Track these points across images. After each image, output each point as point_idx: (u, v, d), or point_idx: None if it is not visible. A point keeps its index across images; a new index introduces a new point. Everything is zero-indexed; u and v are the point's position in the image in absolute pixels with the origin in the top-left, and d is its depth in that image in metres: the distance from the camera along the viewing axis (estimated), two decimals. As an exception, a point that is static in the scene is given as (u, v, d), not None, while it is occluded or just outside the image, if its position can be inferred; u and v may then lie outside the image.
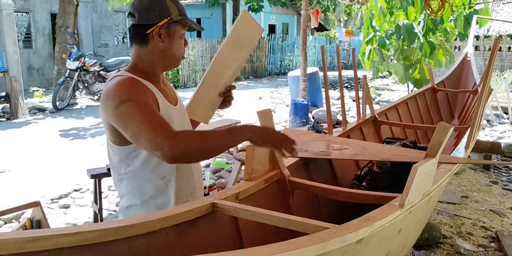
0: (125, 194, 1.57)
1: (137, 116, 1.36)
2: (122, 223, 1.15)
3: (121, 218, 1.57)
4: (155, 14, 1.49)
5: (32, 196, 4.26)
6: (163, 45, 1.52)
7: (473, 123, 2.93)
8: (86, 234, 1.04)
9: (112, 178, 1.62)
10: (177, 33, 1.55)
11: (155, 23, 1.49)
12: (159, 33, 1.50)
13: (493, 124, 8.30)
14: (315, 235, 1.18)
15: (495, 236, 3.57)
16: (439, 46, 8.99)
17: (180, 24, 1.55)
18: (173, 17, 1.51)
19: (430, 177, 1.80)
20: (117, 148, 1.52)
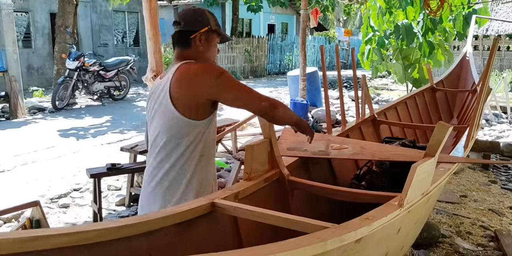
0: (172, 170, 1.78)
1: (236, 82, 1.82)
2: (122, 223, 1.15)
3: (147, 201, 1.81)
4: (198, 23, 1.86)
5: (32, 195, 4.26)
6: (202, 48, 1.88)
7: (472, 122, 2.94)
8: (85, 233, 1.04)
9: (159, 155, 1.82)
10: (213, 41, 1.92)
11: (197, 30, 1.85)
12: (200, 38, 1.86)
13: (492, 123, 8.30)
14: (314, 235, 1.18)
15: (494, 235, 3.57)
16: (438, 46, 8.99)
17: (216, 33, 1.92)
18: (211, 27, 1.88)
19: (429, 176, 1.81)
20: (195, 124, 1.78)
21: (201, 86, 1.73)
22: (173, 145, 1.78)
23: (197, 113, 1.77)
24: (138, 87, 12.95)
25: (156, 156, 1.81)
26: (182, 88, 1.75)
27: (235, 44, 16.50)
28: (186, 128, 1.77)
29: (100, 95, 9.78)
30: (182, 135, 1.77)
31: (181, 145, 1.77)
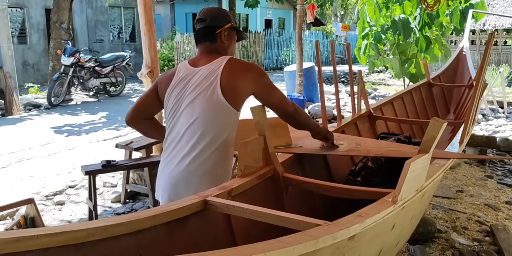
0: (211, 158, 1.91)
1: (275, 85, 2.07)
2: (111, 222, 1.14)
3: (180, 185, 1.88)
4: (222, 19, 2.03)
5: (27, 192, 4.25)
6: (226, 43, 2.05)
7: (467, 118, 2.93)
8: (73, 233, 1.02)
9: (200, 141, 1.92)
10: (234, 37, 2.10)
11: (222, 26, 2.01)
12: (224, 34, 2.02)
13: (489, 118, 8.31)
14: (306, 232, 1.17)
15: (489, 230, 3.58)
16: (435, 41, 8.98)
17: (237, 31, 2.12)
18: (233, 24, 2.06)
19: (423, 172, 1.80)
20: (235, 113, 1.96)
21: (250, 80, 1.94)
22: (216, 131, 1.92)
23: (239, 104, 1.96)
24: (134, 83, 12.90)
25: (194, 141, 1.91)
26: (235, 79, 1.92)
27: (232, 40, 16.43)
28: (229, 117, 1.95)
29: (96, 91, 9.74)
30: (225, 123, 1.95)
31: (224, 133, 1.94)
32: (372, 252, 1.75)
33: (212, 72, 1.94)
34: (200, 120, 1.91)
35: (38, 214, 3.09)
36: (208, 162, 1.89)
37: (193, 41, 14.41)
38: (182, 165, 1.89)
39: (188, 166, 1.88)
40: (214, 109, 1.91)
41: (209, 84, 1.92)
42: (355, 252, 1.48)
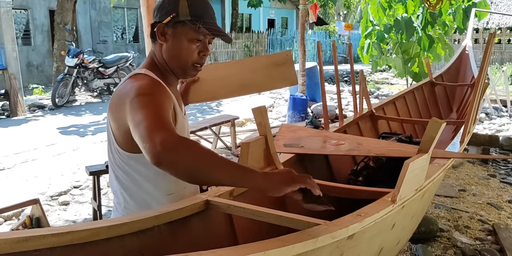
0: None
1: (149, 107, 1.24)
2: (114, 222, 1.17)
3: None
4: (163, 12, 1.45)
5: (32, 193, 4.29)
6: (166, 45, 1.46)
7: (468, 117, 2.94)
8: (78, 233, 1.05)
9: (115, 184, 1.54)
10: (184, 35, 1.43)
11: (161, 21, 1.44)
12: (164, 32, 1.44)
13: (492, 117, 8.31)
14: (305, 232, 1.20)
15: (492, 229, 3.59)
16: (438, 40, 8.98)
17: (190, 27, 1.42)
18: (178, 16, 1.42)
19: (422, 172, 1.82)
20: (126, 155, 1.43)
21: (122, 107, 1.33)
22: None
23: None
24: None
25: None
26: (114, 112, 1.41)
27: (235, 39, 16.50)
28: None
29: (100, 92, 9.80)
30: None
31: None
32: (372, 251, 1.77)
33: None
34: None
35: (44, 214, 3.13)
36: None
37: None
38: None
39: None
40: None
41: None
42: (355, 251, 1.50)
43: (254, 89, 1.99)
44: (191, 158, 1.12)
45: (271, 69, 1.86)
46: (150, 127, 1.16)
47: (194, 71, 1.51)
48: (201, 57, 1.49)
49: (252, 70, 1.87)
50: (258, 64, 1.88)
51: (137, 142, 1.20)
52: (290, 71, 1.91)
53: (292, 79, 1.93)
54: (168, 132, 1.15)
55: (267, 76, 1.87)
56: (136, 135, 1.20)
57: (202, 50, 1.48)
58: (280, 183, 1.22)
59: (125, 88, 1.38)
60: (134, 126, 1.22)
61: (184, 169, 1.12)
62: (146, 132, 1.15)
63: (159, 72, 1.49)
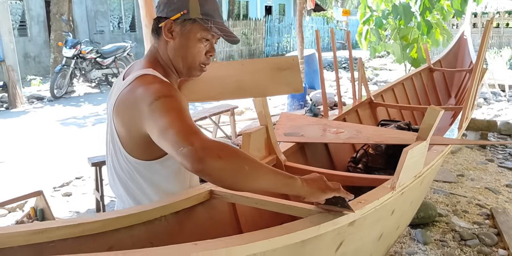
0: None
1: (174, 111, 1.19)
2: (123, 213, 1.21)
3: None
4: (172, 7, 1.37)
5: (35, 185, 4.32)
6: (173, 42, 1.40)
7: (466, 103, 2.97)
8: (89, 224, 1.09)
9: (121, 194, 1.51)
10: (193, 34, 1.38)
11: (168, 17, 1.37)
12: (171, 29, 1.38)
13: (490, 102, 8.34)
14: (308, 219, 1.24)
15: (489, 213, 3.65)
16: (436, 25, 8.96)
17: (200, 25, 1.37)
18: (189, 13, 1.36)
19: (421, 159, 1.86)
20: (136, 162, 1.39)
21: (135, 114, 1.28)
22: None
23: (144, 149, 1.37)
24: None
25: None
26: (122, 115, 1.36)
27: (232, 27, 16.41)
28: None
29: (98, 82, 9.80)
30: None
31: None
32: (373, 236, 1.82)
33: (114, 95, 1.42)
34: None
35: (48, 206, 3.17)
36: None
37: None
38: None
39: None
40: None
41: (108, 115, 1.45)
42: (356, 236, 1.54)
43: (253, 93, 1.81)
44: (233, 164, 1.08)
45: (274, 73, 1.71)
46: (184, 132, 1.11)
47: (200, 71, 1.47)
48: (207, 57, 1.45)
49: (252, 72, 1.73)
50: (260, 67, 1.74)
51: (165, 147, 1.15)
52: (295, 77, 1.73)
53: (297, 85, 1.74)
54: (204, 136, 1.11)
55: (268, 80, 1.73)
56: (165, 142, 1.15)
57: (209, 50, 1.44)
58: (317, 190, 1.23)
59: (135, 91, 1.30)
60: (162, 132, 1.16)
61: (227, 175, 1.07)
62: (181, 137, 1.10)
63: (163, 71, 1.43)
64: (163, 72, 1.42)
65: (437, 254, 3.00)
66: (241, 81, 1.73)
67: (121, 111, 1.34)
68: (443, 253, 3.02)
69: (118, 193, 1.51)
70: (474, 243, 3.14)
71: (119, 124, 1.37)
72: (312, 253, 1.27)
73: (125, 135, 1.37)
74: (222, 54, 15.87)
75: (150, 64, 1.42)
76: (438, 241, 3.17)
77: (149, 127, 1.22)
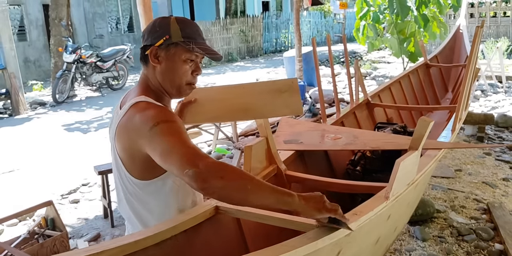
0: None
1: (175, 135, 1.29)
2: (139, 236, 1.31)
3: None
4: (155, 35, 1.48)
5: (43, 193, 4.44)
6: (159, 67, 1.49)
7: (458, 105, 3.06)
8: (109, 251, 1.19)
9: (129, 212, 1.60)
10: (178, 56, 1.48)
11: (153, 44, 1.48)
12: (156, 55, 1.48)
13: (488, 94, 8.41)
14: (306, 235, 1.34)
15: (486, 208, 3.76)
16: (433, 19, 9.01)
17: (183, 48, 1.47)
18: (171, 38, 1.46)
19: (414, 168, 1.95)
20: (140, 183, 1.48)
21: (136, 137, 1.38)
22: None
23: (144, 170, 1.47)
24: (136, 74, 13.02)
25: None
26: (124, 140, 1.45)
27: (230, 25, 16.44)
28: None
29: (99, 86, 9.90)
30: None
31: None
32: (370, 242, 1.93)
33: (114, 123, 1.51)
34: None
35: (58, 215, 3.28)
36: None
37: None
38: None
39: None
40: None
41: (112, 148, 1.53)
42: (352, 245, 1.65)
43: (253, 115, 1.85)
44: (234, 183, 1.19)
45: (273, 96, 1.75)
46: (187, 155, 1.21)
47: (189, 90, 1.56)
48: (194, 76, 1.54)
49: (253, 95, 1.78)
50: (260, 89, 1.78)
51: (170, 169, 1.26)
52: (294, 99, 1.74)
53: (296, 107, 1.75)
54: (207, 158, 1.21)
55: (268, 103, 1.76)
56: (169, 164, 1.24)
57: (195, 69, 1.53)
58: (313, 209, 1.29)
59: (132, 118, 1.40)
60: (165, 156, 1.25)
61: (230, 193, 1.19)
62: (185, 160, 1.20)
63: (155, 96, 1.52)
64: (156, 97, 1.52)
65: (435, 250, 3.11)
66: (242, 103, 1.78)
67: (122, 138, 1.45)
68: (441, 249, 3.13)
69: (127, 215, 1.62)
70: (471, 238, 3.24)
71: (121, 149, 1.47)
72: (311, 265, 1.37)
73: (127, 159, 1.47)
74: (221, 52, 15.90)
75: (142, 91, 1.52)
76: (436, 237, 3.28)
77: (151, 150, 1.32)
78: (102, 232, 3.67)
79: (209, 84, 10.93)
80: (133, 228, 1.61)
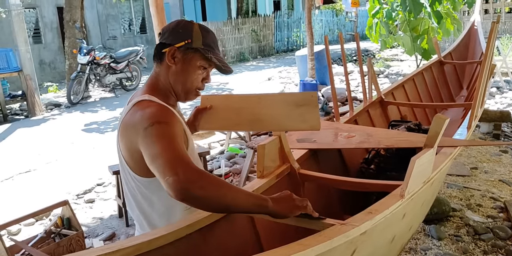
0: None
1: (165, 139, 1.31)
2: (154, 236, 1.32)
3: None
4: (176, 36, 1.51)
5: (59, 193, 4.50)
6: (174, 68, 1.52)
7: (474, 102, 3.02)
8: (124, 250, 1.20)
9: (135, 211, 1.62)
10: (194, 61, 1.52)
11: (172, 44, 1.51)
12: (174, 55, 1.51)
13: (504, 90, 8.29)
14: (321, 233, 1.33)
15: (503, 206, 3.70)
16: (447, 15, 8.92)
17: (201, 55, 1.51)
18: (192, 43, 1.50)
19: (429, 165, 1.93)
20: (143, 180, 1.50)
21: (133, 135, 1.40)
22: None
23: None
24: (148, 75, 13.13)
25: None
26: (124, 137, 1.48)
27: (242, 25, 16.45)
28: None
29: (113, 87, 9.99)
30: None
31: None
32: (385, 240, 1.91)
33: (119, 121, 1.55)
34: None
35: (73, 215, 3.32)
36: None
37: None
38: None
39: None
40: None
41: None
42: (368, 243, 1.64)
43: (268, 126, 1.81)
44: (213, 192, 1.21)
45: (290, 109, 1.70)
46: (171, 161, 1.23)
47: (195, 95, 1.60)
48: (203, 83, 1.58)
49: (268, 106, 1.74)
50: (277, 101, 1.74)
51: (155, 173, 1.27)
52: (312, 114, 1.68)
53: (314, 122, 1.69)
54: (189, 166, 1.23)
55: (284, 116, 1.71)
56: (154, 168, 1.27)
57: (205, 77, 1.58)
58: (286, 210, 1.36)
59: (133, 116, 1.43)
60: (152, 159, 1.28)
61: (206, 202, 1.21)
62: (167, 166, 1.22)
63: (162, 95, 1.54)
64: (163, 96, 1.54)
65: (451, 249, 3.07)
66: (257, 114, 1.76)
67: (124, 135, 1.47)
68: (457, 248, 3.09)
69: (135, 214, 1.63)
70: (488, 237, 3.20)
71: (123, 147, 1.49)
72: (327, 263, 1.37)
73: (129, 156, 1.49)
74: (232, 52, 15.94)
75: (149, 90, 1.54)
76: (452, 236, 3.24)
77: (143, 150, 1.35)
78: (117, 231, 3.70)
79: (223, 83, 10.96)
80: (141, 228, 1.62)
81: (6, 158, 5.78)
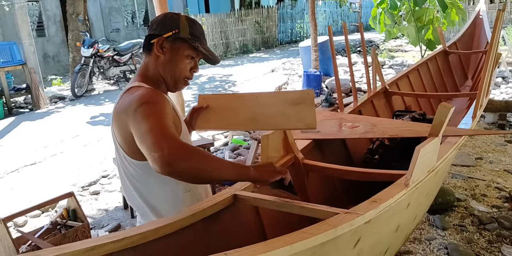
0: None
1: (153, 117, 1.35)
2: (159, 224, 1.33)
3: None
4: (164, 27, 1.56)
5: (64, 184, 4.52)
6: (163, 58, 1.56)
7: (479, 92, 3.00)
8: (130, 238, 1.21)
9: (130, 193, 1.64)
10: (181, 51, 1.56)
11: (160, 34, 1.55)
12: (162, 45, 1.55)
13: (509, 81, 8.24)
14: (326, 222, 1.33)
15: (508, 196, 3.70)
16: (452, 5, 8.83)
17: (188, 44, 1.56)
18: (179, 33, 1.54)
19: (434, 155, 1.93)
20: (139, 163, 1.52)
21: (126, 118, 1.44)
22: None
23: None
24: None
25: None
26: (118, 122, 1.51)
27: (245, 17, 16.38)
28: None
29: (117, 79, 9.99)
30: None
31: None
32: (390, 230, 1.91)
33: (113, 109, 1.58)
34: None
35: (79, 206, 3.34)
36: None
37: (207, 22, 14.40)
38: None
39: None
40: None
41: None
42: (373, 232, 1.64)
43: (264, 125, 1.79)
44: (197, 164, 1.28)
45: (287, 107, 1.69)
46: (158, 137, 1.27)
47: (184, 85, 1.64)
48: (191, 73, 1.62)
49: (265, 105, 1.74)
50: (273, 100, 1.75)
51: (143, 151, 1.31)
52: (308, 112, 1.67)
53: (310, 121, 1.66)
54: (174, 141, 1.28)
55: (281, 114, 1.70)
56: (142, 145, 1.31)
57: (193, 67, 1.62)
58: (267, 175, 1.47)
59: (124, 101, 1.48)
60: (140, 136, 1.32)
61: (192, 174, 1.28)
62: (154, 142, 1.26)
63: (152, 83, 1.58)
64: (153, 83, 1.58)
65: (456, 239, 3.07)
66: (253, 113, 1.75)
67: (116, 120, 1.51)
68: (462, 238, 3.09)
69: (136, 203, 1.64)
70: (493, 227, 3.20)
71: (117, 132, 1.53)
72: (331, 252, 1.37)
73: (123, 141, 1.52)
74: (236, 44, 15.88)
75: (139, 78, 1.59)
76: (457, 226, 3.24)
77: (133, 131, 1.39)
78: (122, 222, 3.72)
79: (225, 76, 10.94)
80: (142, 218, 1.63)
81: (12, 151, 5.81)
